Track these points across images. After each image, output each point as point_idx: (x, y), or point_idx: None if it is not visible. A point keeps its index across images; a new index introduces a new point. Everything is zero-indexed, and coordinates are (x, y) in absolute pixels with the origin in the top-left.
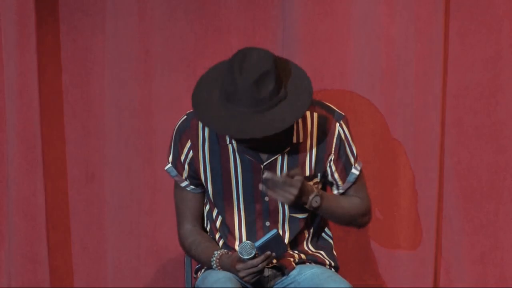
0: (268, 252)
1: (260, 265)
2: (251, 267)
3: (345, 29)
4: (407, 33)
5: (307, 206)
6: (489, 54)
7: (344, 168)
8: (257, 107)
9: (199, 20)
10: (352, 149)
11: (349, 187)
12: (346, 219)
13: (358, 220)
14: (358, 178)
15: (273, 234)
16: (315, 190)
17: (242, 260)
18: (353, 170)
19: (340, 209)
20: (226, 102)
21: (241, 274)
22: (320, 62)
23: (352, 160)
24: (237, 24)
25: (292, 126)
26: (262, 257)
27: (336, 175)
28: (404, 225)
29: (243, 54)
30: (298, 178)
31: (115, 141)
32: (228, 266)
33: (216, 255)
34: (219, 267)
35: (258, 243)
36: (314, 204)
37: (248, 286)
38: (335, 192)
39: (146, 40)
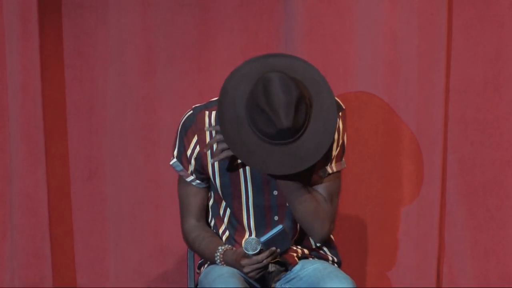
0: (273, 248)
1: (265, 261)
2: (256, 263)
3: (348, 24)
4: (410, 29)
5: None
6: (492, 49)
7: (325, 161)
8: (296, 135)
9: (202, 15)
10: (338, 144)
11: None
12: (309, 210)
13: (319, 219)
14: (331, 178)
15: (278, 230)
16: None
17: (247, 256)
18: (328, 168)
19: (306, 192)
20: (265, 138)
21: (246, 269)
22: (323, 58)
23: (332, 154)
24: (240, 19)
25: None
26: (267, 252)
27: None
28: (407, 221)
29: (265, 90)
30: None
31: (118, 137)
32: (233, 261)
33: (220, 250)
34: (222, 263)
35: (263, 239)
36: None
37: (252, 281)
38: None
39: (149, 35)
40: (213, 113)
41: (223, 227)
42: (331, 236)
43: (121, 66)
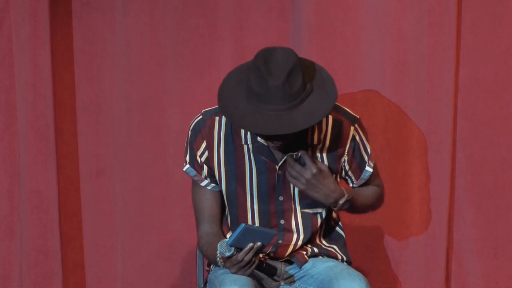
0: (250, 244)
1: (245, 258)
2: (236, 263)
3: (357, 23)
4: (419, 27)
5: (336, 209)
6: (501, 47)
7: (359, 167)
8: (290, 102)
9: (211, 14)
10: (366, 149)
11: (363, 183)
12: (366, 209)
13: (374, 207)
14: (372, 174)
15: (241, 229)
16: (345, 195)
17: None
18: (367, 168)
19: (362, 203)
20: (257, 102)
21: (232, 270)
22: (331, 56)
23: (366, 158)
24: (249, 18)
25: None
26: (244, 250)
27: (350, 173)
28: (416, 219)
29: (266, 55)
30: (315, 166)
31: (127, 135)
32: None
33: (218, 254)
34: (223, 264)
35: (230, 240)
36: (344, 207)
37: (262, 276)
38: (350, 185)
39: (157, 34)
40: (223, 117)
41: (230, 233)
42: (343, 236)
43: (130, 65)
